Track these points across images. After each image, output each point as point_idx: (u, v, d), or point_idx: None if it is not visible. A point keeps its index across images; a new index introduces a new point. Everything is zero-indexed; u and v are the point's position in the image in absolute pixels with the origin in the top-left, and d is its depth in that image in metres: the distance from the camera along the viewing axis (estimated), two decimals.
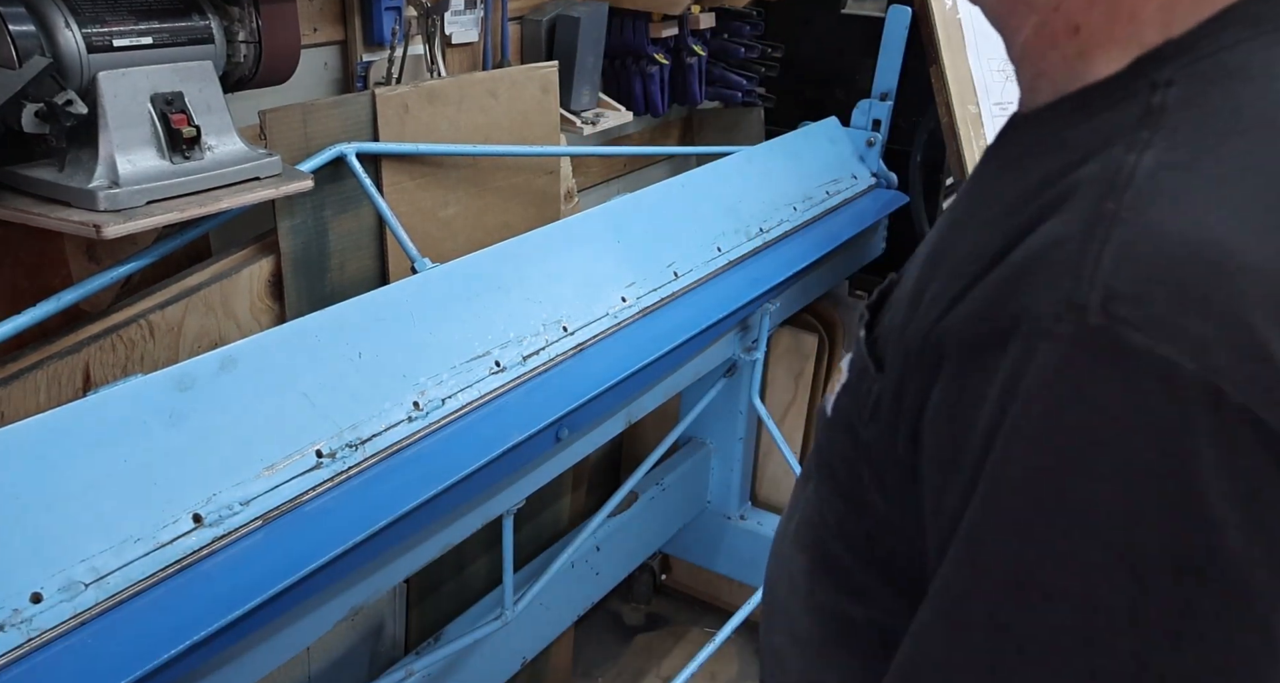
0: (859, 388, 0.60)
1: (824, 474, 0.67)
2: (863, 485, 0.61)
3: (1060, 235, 0.47)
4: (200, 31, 1.24)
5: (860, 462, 0.60)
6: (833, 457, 0.65)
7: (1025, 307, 0.46)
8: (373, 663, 1.71)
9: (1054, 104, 0.56)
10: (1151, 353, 0.42)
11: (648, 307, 1.60)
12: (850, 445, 0.61)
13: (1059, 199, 0.49)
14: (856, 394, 0.61)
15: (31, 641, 0.86)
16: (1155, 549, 0.42)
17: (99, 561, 0.92)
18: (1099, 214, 0.46)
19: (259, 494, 1.05)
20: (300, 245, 1.47)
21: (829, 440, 0.66)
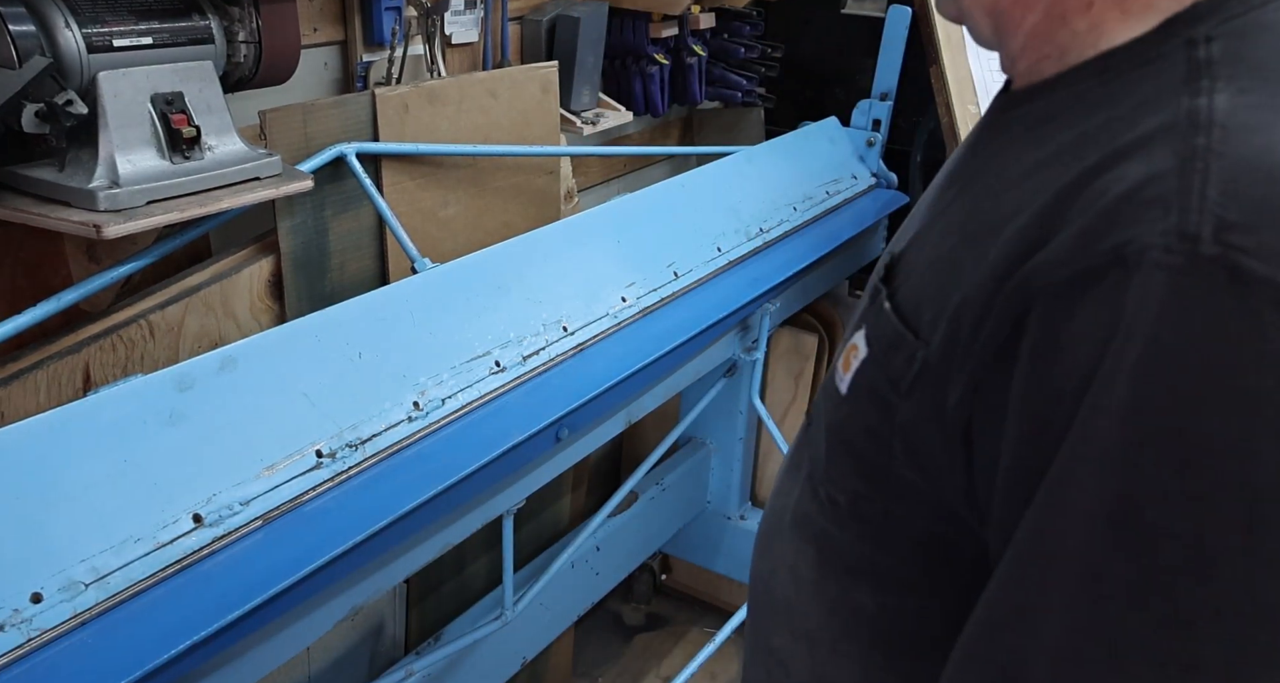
0: (890, 360, 0.59)
1: (839, 454, 0.66)
2: (890, 459, 0.60)
3: (1151, 173, 0.47)
4: (200, 31, 1.24)
5: (890, 434, 0.59)
6: (852, 434, 0.64)
7: (1128, 240, 0.45)
8: (373, 663, 1.71)
9: (1069, 72, 0.58)
10: (1270, 280, 0.42)
11: (648, 307, 1.60)
12: (879, 418, 0.60)
13: (1131, 145, 0.49)
14: (887, 366, 0.60)
15: (31, 641, 0.86)
16: (1273, 483, 0.41)
17: (99, 561, 0.92)
18: (1192, 150, 0.46)
19: (259, 494, 1.05)
20: (300, 245, 1.47)
21: (848, 417, 0.64)
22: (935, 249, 0.61)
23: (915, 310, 0.59)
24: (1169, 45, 0.53)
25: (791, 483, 0.74)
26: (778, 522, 0.75)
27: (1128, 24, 0.55)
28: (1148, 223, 0.45)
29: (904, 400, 0.58)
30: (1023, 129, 0.59)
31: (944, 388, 0.55)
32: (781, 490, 0.77)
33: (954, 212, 0.61)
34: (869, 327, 0.64)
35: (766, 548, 0.77)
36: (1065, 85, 0.58)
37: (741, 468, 2.36)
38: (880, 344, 0.61)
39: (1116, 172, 0.49)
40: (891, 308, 0.61)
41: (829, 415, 0.67)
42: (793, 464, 0.76)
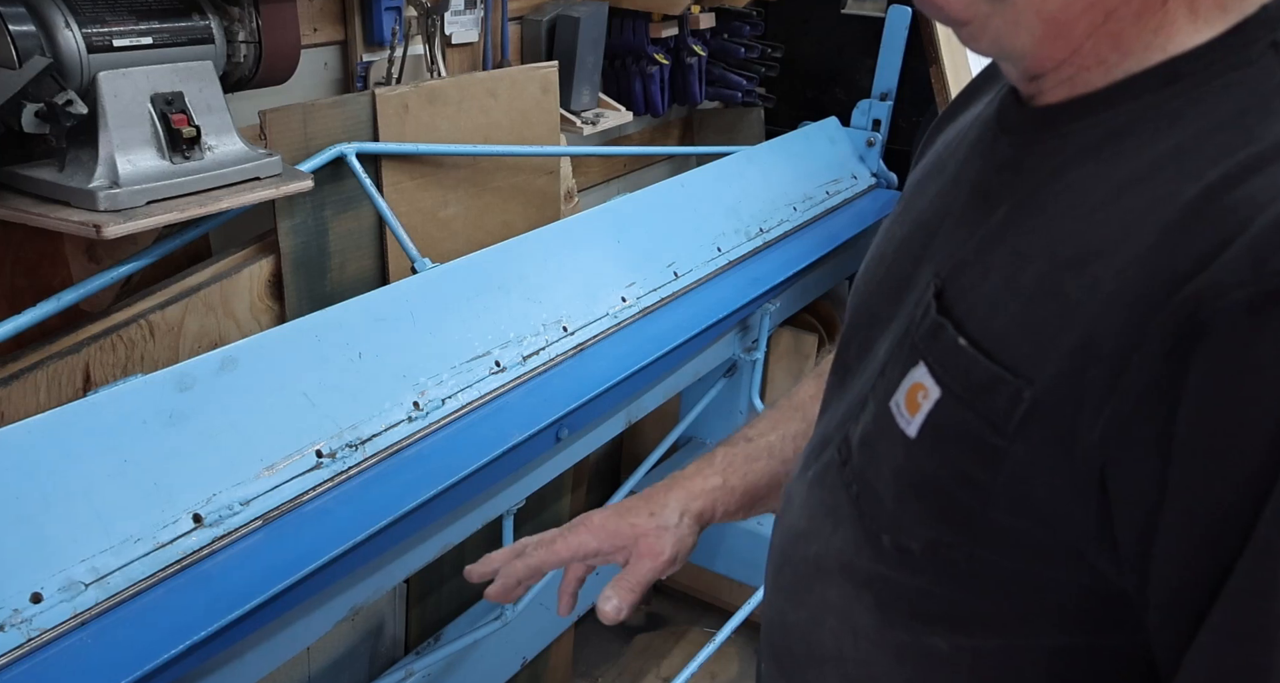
0: (983, 400, 0.55)
1: (911, 502, 0.61)
2: (986, 506, 0.56)
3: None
4: (200, 31, 1.24)
5: (989, 479, 0.56)
6: (931, 479, 0.59)
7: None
8: (373, 663, 1.71)
9: (1127, 82, 0.55)
10: None
11: (648, 307, 1.60)
12: (973, 462, 0.56)
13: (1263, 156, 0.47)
14: (980, 407, 0.55)
15: (31, 641, 0.86)
16: None
17: (99, 561, 0.92)
18: None
19: (259, 494, 1.05)
20: (300, 245, 1.47)
21: (927, 463, 0.60)
22: (1007, 276, 0.56)
23: (1002, 345, 0.55)
24: (1253, 50, 0.51)
25: (827, 527, 0.70)
26: (814, 569, 0.71)
27: (1196, 27, 0.53)
28: None
29: (1012, 444, 0.54)
30: (1085, 147, 0.56)
31: (1070, 429, 0.51)
32: (810, 535, 0.72)
33: (1019, 235, 0.57)
34: (934, 363, 0.59)
35: (802, 596, 0.72)
36: (1129, 97, 0.54)
37: None
38: (962, 383, 0.57)
39: (1256, 184, 0.47)
40: (969, 344, 0.57)
41: (892, 460, 0.62)
42: (823, 507, 0.70)
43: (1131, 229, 0.50)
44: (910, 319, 0.64)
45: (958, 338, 0.58)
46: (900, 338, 0.65)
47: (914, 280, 0.67)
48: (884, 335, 0.69)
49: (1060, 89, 0.58)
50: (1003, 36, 0.58)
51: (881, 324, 0.70)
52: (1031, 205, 0.58)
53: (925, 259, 0.66)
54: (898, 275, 0.70)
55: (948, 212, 0.66)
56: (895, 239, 0.74)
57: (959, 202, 0.65)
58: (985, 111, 0.69)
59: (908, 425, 0.60)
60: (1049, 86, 0.59)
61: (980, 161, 0.65)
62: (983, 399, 0.55)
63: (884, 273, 0.73)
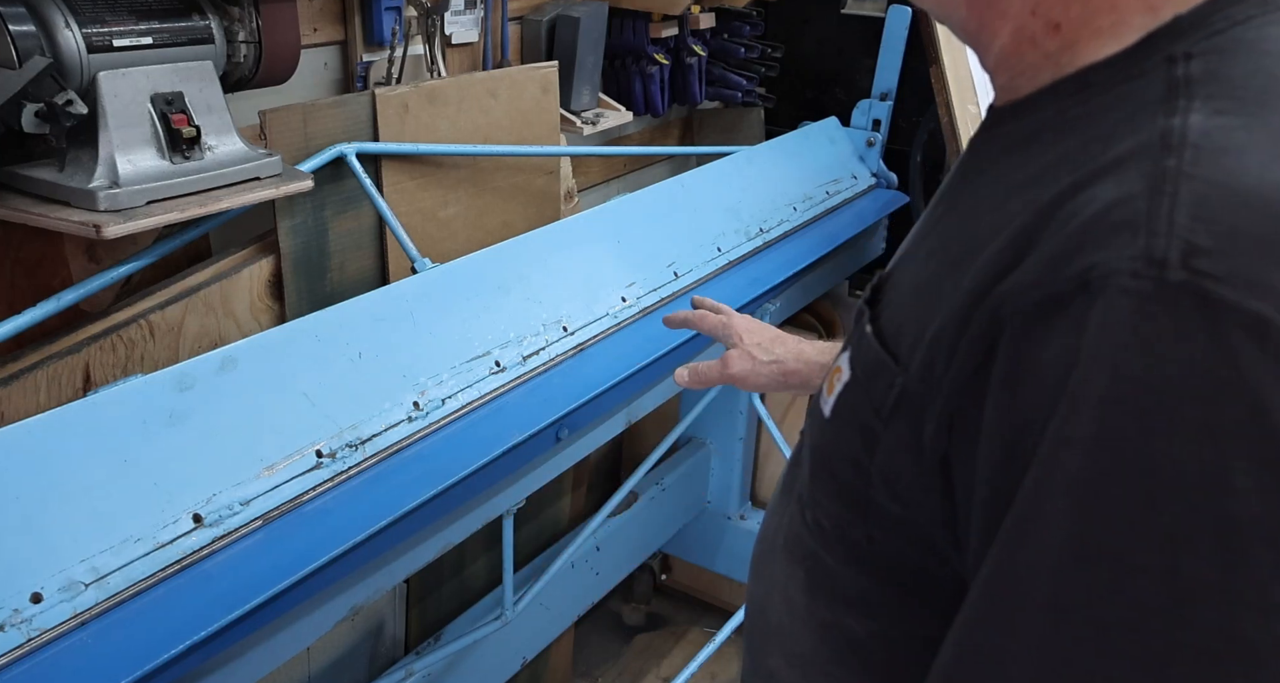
0: (871, 386, 0.58)
1: (822, 478, 0.64)
2: (869, 486, 0.59)
3: (1120, 195, 0.46)
4: (200, 31, 1.24)
5: (870, 461, 0.58)
6: (834, 458, 0.63)
7: (1093, 265, 0.44)
8: (373, 663, 1.71)
9: (1048, 89, 0.56)
10: (1239, 307, 0.41)
11: (648, 307, 1.60)
12: (859, 445, 0.59)
13: (1105, 167, 0.48)
14: (869, 392, 0.58)
15: (31, 641, 0.86)
16: (1247, 514, 0.40)
17: (99, 561, 0.92)
18: (1161, 171, 0.45)
19: (259, 494, 1.05)
20: (300, 245, 1.47)
21: (830, 441, 0.63)
22: (919, 273, 0.59)
23: (896, 335, 0.58)
24: (1150, 61, 0.51)
25: (784, 505, 0.72)
26: (771, 544, 0.74)
27: (1102, 42, 0.53)
28: (1115, 247, 0.44)
29: (885, 427, 0.56)
30: (1005, 149, 0.58)
31: (921, 417, 0.53)
32: (774, 511, 0.75)
33: (938, 234, 0.60)
34: (853, 350, 0.62)
35: (761, 570, 0.75)
36: (1047, 103, 0.56)
37: (741, 468, 2.36)
38: (863, 368, 0.60)
39: (1089, 193, 0.47)
40: (873, 332, 0.60)
41: (814, 438, 0.66)
42: (785, 486, 0.74)
43: (998, 231, 0.51)
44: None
45: (866, 326, 0.61)
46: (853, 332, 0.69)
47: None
48: None
49: (1004, 93, 0.60)
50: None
51: None
52: (954, 206, 0.61)
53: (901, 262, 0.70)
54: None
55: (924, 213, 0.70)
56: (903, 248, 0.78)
57: (931, 203, 0.68)
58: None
59: (825, 405, 0.64)
60: (998, 89, 0.61)
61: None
62: (872, 384, 0.58)
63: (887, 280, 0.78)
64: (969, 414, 0.50)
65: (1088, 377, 0.43)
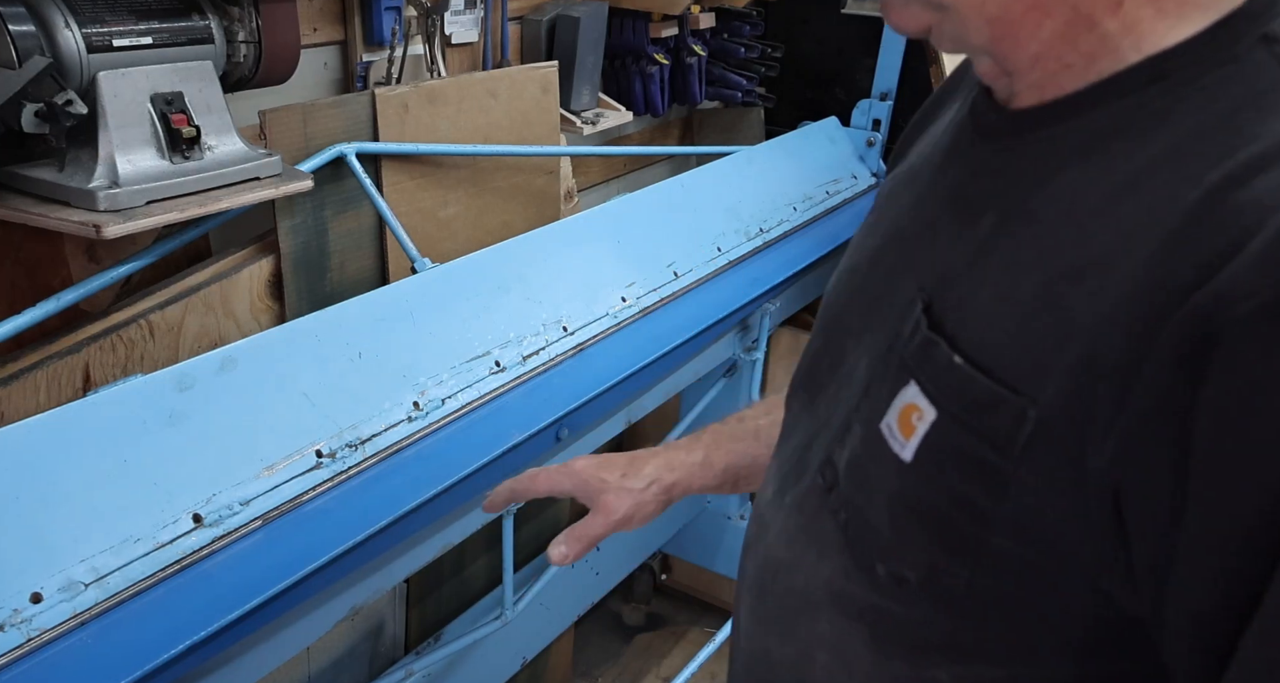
0: (983, 421, 0.53)
1: (909, 526, 0.59)
2: (988, 532, 0.54)
3: None
4: (200, 31, 1.24)
5: (995, 505, 0.53)
6: (931, 504, 0.57)
7: None
8: (373, 663, 1.71)
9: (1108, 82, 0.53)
10: None
11: (648, 307, 1.60)
12: (978, 487, 0.54)
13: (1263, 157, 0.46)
14: (981, 428, 0.53)
15: (31, 641, 0.86)
16: None
17: (99, 561, 0.92)
18: None
19: (259, 494, 1.05)
20: (300, 245, 1.47)
21: (922, 489, 0.57)
22: (1001, 290, 0.54)
23: (1000, 362, 0.53)
24: (1242, 45, 0.50)
25: (812, 556, 0.67)
26: (802, 601, 0.67)
27: (1169, 23, 0.51)
28: None
29: (1017, 467, 0.52)
30: (1072, 151, 0.54)
31: (1078, 450, 0.49)
32: (794, 564, 0.68)
33: (1012, 245, 0.55)
34: (928, 382, 0.56)
35: (789, 630, 0.69)
36: (1113, 97, 0.52)
37: None
38: (959, 403, 0.54)
39: (1260, 185, 0.45)
40: (965, 361, 0.54)
41: (886, 485, 0.59)
42: (806, 535, 0.67)
43: (1132, 236, 0.48)
44: (894, 335, 0.61)
45: (952, 355, 0.55)
46: (883, 355, 0.62)
47: (891, 294, 0.64)
48: (859, 351, 0.66)
49: (1032, 93, 0.57)
50: (960, 38, 0.57)
51: (855, 338, 0.67)
52: (1022, 214, 0.55)
53: (903, 271, 0.63)
54: (873, 288, 0.67)
55: (927, 222, 0.64)
56: (868, 250, 0.71)
57: (939, 211, 0.63)
58: (958, 115, 0.67)
59: (902, 449, 0.58)
60: (1021, 89, 0.57)
61: (959, 169, 0.63)
62: (983, 420, 0.53)
63: (858, 285, 0.70)
64: (1160, 441, 0.46)
65: None
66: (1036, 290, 0.52)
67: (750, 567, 0.75)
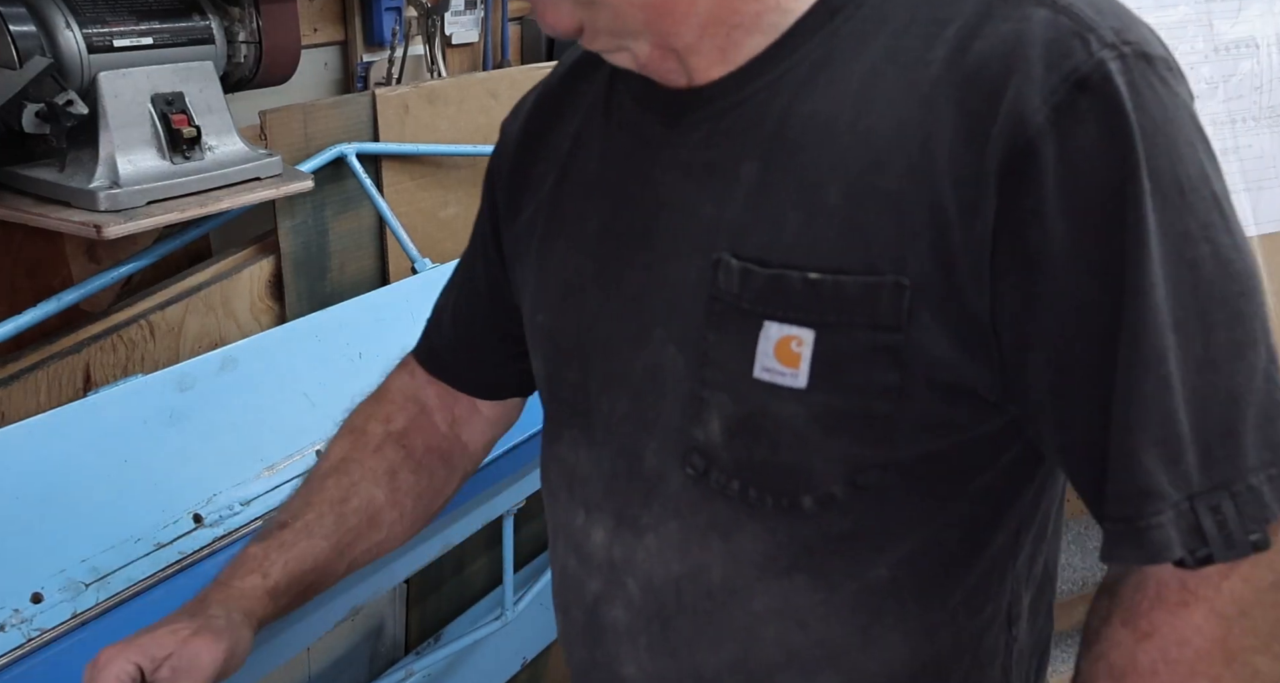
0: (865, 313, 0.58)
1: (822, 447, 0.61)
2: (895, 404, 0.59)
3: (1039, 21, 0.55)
4: (200, 32, 1.24)
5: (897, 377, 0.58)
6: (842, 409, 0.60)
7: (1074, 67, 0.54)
8: (373, 663, 1.71)
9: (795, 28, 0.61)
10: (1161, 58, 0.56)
11: None
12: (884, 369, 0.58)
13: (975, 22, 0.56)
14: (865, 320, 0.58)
15: (31, 641, 0.86)
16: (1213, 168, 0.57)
17: (99, 561, 0.92)
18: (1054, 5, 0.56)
19: (259, 494, 1.05)
20: (300, 245, 1.47)
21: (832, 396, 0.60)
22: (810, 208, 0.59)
23: (850, 259, 0.58)
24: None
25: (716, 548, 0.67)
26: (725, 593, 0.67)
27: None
28: (1077, 50, 0.54)
29: (908, 334, 0.57)
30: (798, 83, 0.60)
31: (953, 294, 0.56)
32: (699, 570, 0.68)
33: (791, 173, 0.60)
34: (790, 311, 0.59)
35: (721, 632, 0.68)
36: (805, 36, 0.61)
37: None
38: (835, 310, 0.58)
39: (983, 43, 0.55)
40: (820, 274, 0.58)
41: (792, 419, 0.61)
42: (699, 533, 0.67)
43: (900, 121, 0.56)
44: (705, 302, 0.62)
45: (806, 274, 0.59)
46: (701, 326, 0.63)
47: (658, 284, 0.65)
48: (641, 354, 0.66)
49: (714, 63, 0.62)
50: (616, 29, 0.62)
51: (629, 346, 0.67)
52: (781, 148, 0.60)
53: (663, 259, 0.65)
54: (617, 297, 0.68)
55: (663, 208, 0.65)
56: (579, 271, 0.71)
57: (676, 192, 0.65)
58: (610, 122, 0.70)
59: (794, 379, 0.60)
60: (699, 63, 0.63)
61: (670, 153, 0.65)
62: (863, 311, 0.58)
63: (592, 305, 0.70)
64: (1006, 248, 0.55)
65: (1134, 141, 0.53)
66: (846, 192, 0.58)
67: (621, 614, 0.72)
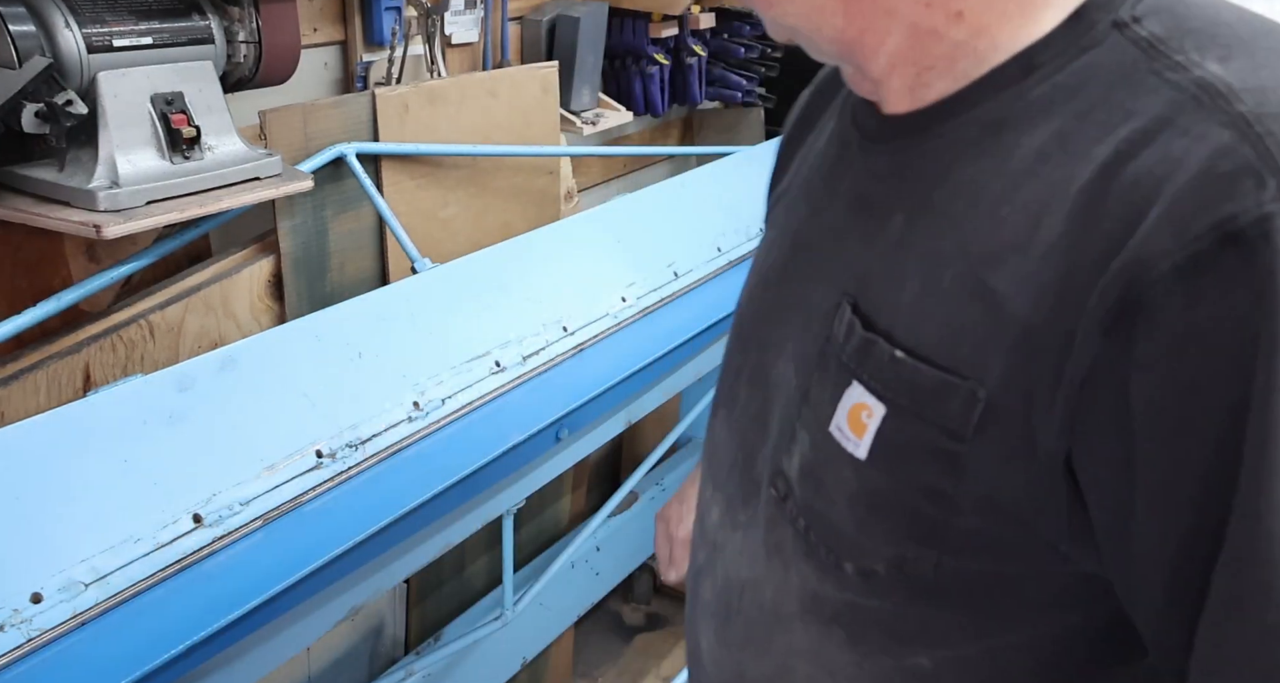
0: (935, 410, 0.55)
1: (871, 522, 0.60)
2: (953, 513, 0.56)
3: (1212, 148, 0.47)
4: (200, 31, 1.24)
5: (955, 486, 0.55)
6: (890, 497, 0.58)
7: (1231, 215, 0.45)
8: (373, 663, 1.71)
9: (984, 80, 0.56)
10: None
11: (648, 307, 1.60)
12: (935, 472, 0.56)
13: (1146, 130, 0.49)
14: (931, 417, 0.55)
15: (32, 641, 0.86)
16: None
17: (99, 561, 0.92)
18: (1240, 116, 0.47)
19: (259, 494, 1.05)
20: (300, 245, 1.47)
21: (882, 483, 0.59)
22: (926, 282, 0.56)
23: (940, 350, 0.55)
24: (1099, 31, 0.53)
25: (777, 570, 0.68)
26: (773, 616, 0.69)
27: (1017, 23, 0.54)
28: (1243, 194, 0.45)
29: (972, 447, 0.54)
30: (965, 146, 0.57)
31: (1026, 423, 0.52)
32: (759, 582, 0.69)
33: (926, 239, 0.57)
34: (871, 380, 0.58)
35: (762, 648, 0.70)
36: (991, 92, 0.56)
37: None
38: (908, 396, 0.56)
39: (1149, 156, 0.48)
40: (906, 354, 0.56)
41: (845, 486, 0.60)
42: (767, 550, 0.68)
43: (1039, 218, 0.51)
44: (824, 340, 0.62)
45: (893, 351, 0.57)
46: (815, 361, 0.63)
47: (807, 302, 0.66)
48: (782, 361, 0.67)
49: (901, 98, 0.60)
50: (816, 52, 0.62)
51: (775, 350, 0.69)
52: (928, 210, 0.58)
53: (818, 280, 0.65)
54: (785, 300, 0.69)
55: (831, 230, 0.65)
56: (774, 266, 0.73)
57: (843, 219, 0.65)
58: (839, 126, 0.70)
59: (856, 448, 0.59)
60: (893, 94, 0.60)
61: (854, 175, 0.65)
62: (934, 407, 0.55)
63: (769, 300, 0.72)
64: (1102, 405, 0.49)
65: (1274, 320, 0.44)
66: (959, 279, 0.54)
67: (708, 592, 0.75)
